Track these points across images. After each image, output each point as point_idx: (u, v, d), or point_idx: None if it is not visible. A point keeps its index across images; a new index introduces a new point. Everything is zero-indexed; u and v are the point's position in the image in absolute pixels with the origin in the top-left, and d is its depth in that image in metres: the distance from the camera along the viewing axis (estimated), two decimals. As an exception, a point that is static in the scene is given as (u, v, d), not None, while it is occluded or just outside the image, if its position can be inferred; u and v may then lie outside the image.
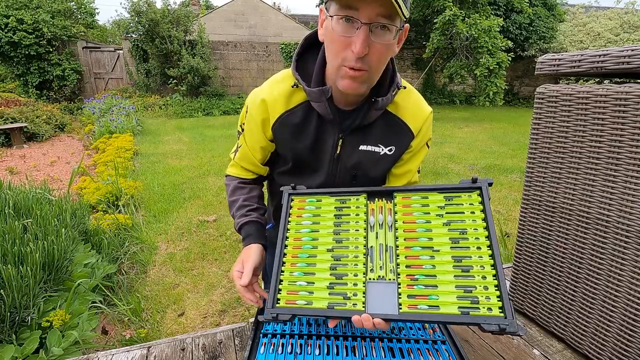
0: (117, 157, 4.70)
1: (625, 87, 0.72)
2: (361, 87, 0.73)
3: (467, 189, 0.75)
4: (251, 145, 0.91)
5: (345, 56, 0.69)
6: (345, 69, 0.70)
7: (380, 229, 0.76)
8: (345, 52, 0.69)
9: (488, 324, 0.58)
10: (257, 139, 0.89)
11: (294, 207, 0.83)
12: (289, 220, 0.80)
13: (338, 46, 0.69)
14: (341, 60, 0.70)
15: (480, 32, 8.27)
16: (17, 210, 2.13)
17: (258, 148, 0.91)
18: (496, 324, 0.58)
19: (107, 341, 1.89)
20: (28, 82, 10.23)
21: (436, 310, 0.62)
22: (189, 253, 2.83)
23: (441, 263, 0.67)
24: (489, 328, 0.58)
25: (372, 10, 0.64)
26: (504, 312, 0.59)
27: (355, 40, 0.66)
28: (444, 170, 4.97)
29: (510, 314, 0.59)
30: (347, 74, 0.70)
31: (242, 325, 0.96)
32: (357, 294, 0.68)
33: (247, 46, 12.03)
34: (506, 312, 0.59)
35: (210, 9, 16.37)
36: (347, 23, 0.66)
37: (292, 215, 0.81)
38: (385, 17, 0.65)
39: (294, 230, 0.79)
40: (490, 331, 0.58)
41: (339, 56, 0.70)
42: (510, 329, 0.57)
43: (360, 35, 0.65)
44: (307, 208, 0.82)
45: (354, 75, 0.70)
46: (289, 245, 0.77)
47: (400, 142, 0.86)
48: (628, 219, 0.74)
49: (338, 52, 0.70)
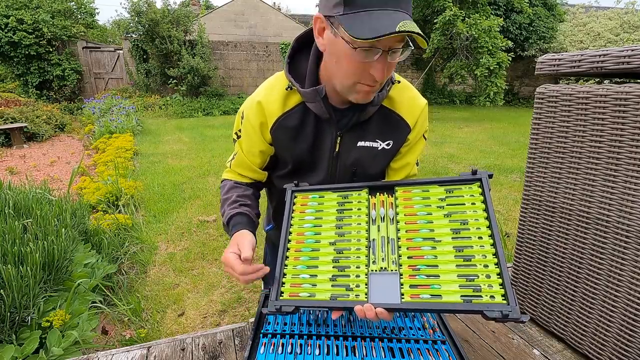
0: (117, 157, 4.69)
1: (625, 87, 0.72)
2: (373, 95, 0.76)
3: (467, 181, 0.75)
4: (248, 150, 0.90)
5: (362, 77, 0.70)
6: (361, 86, 0.72)
7: (381, 222, 0.76)
8: (363, 75, 0.70)
9: (491, 310, 0.58)
10: (256, 144, 0.88)
11: (297, 203, 0.83)
12: (292, 216, 0.81)
13: (355, 69, 0.70)
14: (357, 79, 0.71)
15: (481, 32, 8.26)
16: (17, 210, 2.12)
17: (257, 152, 0.90)
18: (499, 311, 0.58)
19: (107, 341, 1.89)
20: (28, 82, 10.22)
21: (438, 299, 0.63)
22: (189, 253, 2.83)
23: (443, 253, 0.68)
24: (492, 315, 0.58)
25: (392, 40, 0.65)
26: (506, 300, 0.59)
27: (375, 67, 0.67)
28: (444, 170, 4.97)
29: (513, 301, 0.58)
30: (363, 89, 0.72)
31: (242, 325, 0.96)
32: (359, 285, 0.68)
33: (247, 46, 12.03)
34: (509, 299, 0.59)
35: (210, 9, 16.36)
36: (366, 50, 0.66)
37: (295, 211, 0.82)
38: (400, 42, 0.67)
39: (297, 225, 0.80)
40: (493, 318, 0.58)
41: (354, 77, 0.71)
42: (514, 315, 0.57)
43: (382, 62, 0.67)
44: (310, 204, 0.83)
45: (371, 90, 0.73)
46: (292, 240, 0.78)
47: (397, 136, 0.86)
48: (628, 219, 0.74)
49: (353, 73, 0.70)
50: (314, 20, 0.73)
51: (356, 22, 0.63)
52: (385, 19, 0.62)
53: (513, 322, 0.57)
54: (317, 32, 0.73)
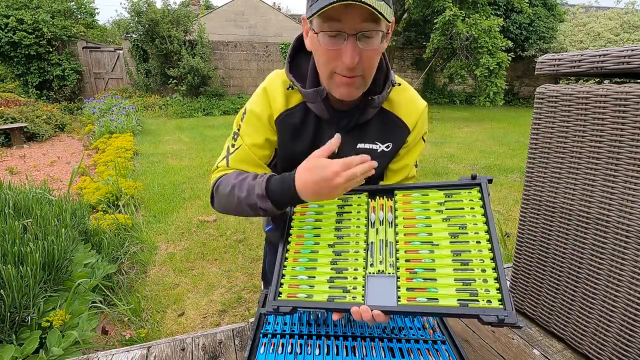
0: (117, 157, 4.69)
1: (625, 87, 0.72)
2: (357, 92, 0.75)
3: (466, 185, 0.76)
4: (252, 143, 0.85)
5: (336, 66, 0.70)
6: (338, 77, 0.71)
7: (380, 226, 0.77)
8: (336, 63, 0.69)
9: (487, 315, 0.58)
10: (262, 134, 0.84)
11: (298, 205, 0.83)
12: (292, 218, 0.82)
13: (327, 58, 0.70)
14: (332, 68, 0.71)
15: (480, 32, 8.26)
16: (17, 210, 2.12)
17: (264, 144, 0.85)
18: (495, 315, 0.58)
19: (107, 341, 1.89)
20: (28, 82, 10.22)
21: (435, 303, 0.63)
22: (189, 253, 2.83)
23: (440, 257, 0.68)
24: (488, 319, 0.58)
25: (355, 20, 0.64)
26: (503, 305, 0.59)
27: (344, 53, 0.66)
28: (444, 170, 4.97)
29: (510, 306, 0.58)
30: (342, 81, 0.71)
31: (242, 325, 0.96)
32: (356, 288, 0.68)
33: (247, 46, 12.03)
34: (505, 303, 0.59)
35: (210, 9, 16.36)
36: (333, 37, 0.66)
37: (295, 213, 0.83)
38: (369, 23, 0.65)
39: (297, 227, 0.80)
40: (489, 323, 0.58)
41: (329, 66, 0.71)
42: (510, 319, 0.57)
43: (349, 47, 0.66)
44: (310, 207, 0.83)
45: (349, 82, 0.71)
46: (292, 241, 0.79)
47: (396, 139, 0.86)
48: (628, 219, 0.74)
49: (328, 62, 0.70)
50: (302, 21, 0.75)
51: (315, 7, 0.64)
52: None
53: (509, 327, 0.57)
54: (305, 32, 0.76)
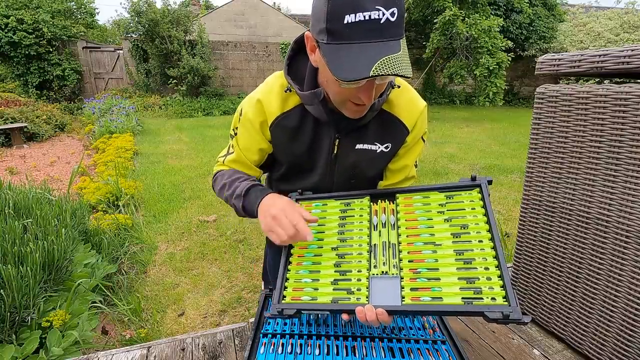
0: (117, 157, 4.69)
1: (625, 87, 0.72)
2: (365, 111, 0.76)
3: (466, 186, 0.76)
4: (245, 147, 0.89)
5: (351, 98, 0.70)
6: (351, 104, 0.71)
7: (383, 228, 0.77)
8: (351, 97, 0.69)
9: (492, 311, 0.58)
10: (255, 141, 0.88)
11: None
12: None
13: (342, 95, 0.69)
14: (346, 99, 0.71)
15: (480, 32, 8.26)
16: (17, 210, 2.12)
17: (255, 150, 0.89)
18: (500, 311, 0.57)
19: (107, 341, 1.89)
20: (28, 82, 10.22)
21: (439, 302, 0.63)
22: (189, 253, 2.83)
23: (443, 257, 0.68)
24: (493, 316, 0.57)
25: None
26: (507, 301, 0.59)
27: (363, 93, 0.67)
28: (444, 170, 4.97)
29: (514, 302, 0.58)
30: (353, 108, 0.72)
31: (242, 325, 0.96)
32: (360, 289, 0.69)
33: (247, 46, 12.02)
34: (510, 300, 0.59)
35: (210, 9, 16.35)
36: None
37: None
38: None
39: None
40: (495, 319, 0.57)
41: (343, 96, 0.70)
42: (515, 315, 0.57)
43: (368, 88, 0.66)
44: (314, 211, 0.84)
45: (360, 110, 0.73)
46: (296, 245, 0.79)
47: (395, 139, 0.86)
48: (628, 219, 0.74)
49: (341, 93, 0.69)
50: (306, 37, 0.72)
51: (338, 57, 0.61)
52: (363, 57, 0.59)
53: (515, 323, 0.57)
54: (309, 48, 0.73)
